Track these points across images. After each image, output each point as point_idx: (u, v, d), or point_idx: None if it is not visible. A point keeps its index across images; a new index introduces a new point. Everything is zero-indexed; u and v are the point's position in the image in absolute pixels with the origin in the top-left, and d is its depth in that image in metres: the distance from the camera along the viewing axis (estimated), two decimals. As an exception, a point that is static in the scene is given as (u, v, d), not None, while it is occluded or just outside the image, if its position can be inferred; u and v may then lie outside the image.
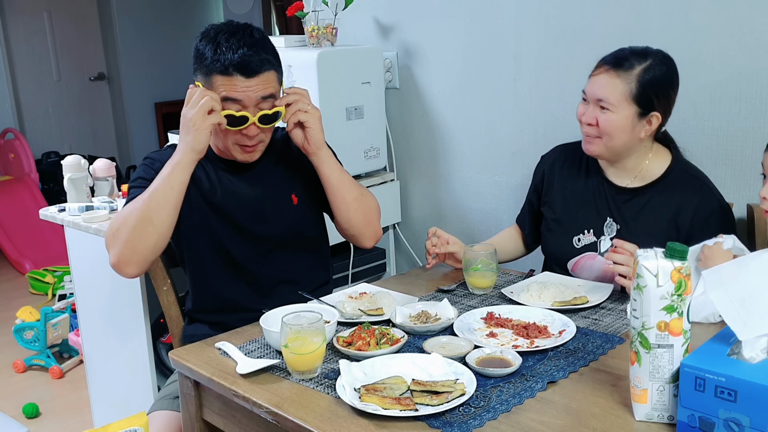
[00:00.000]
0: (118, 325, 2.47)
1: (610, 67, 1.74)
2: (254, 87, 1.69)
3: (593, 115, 1.76)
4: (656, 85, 1.74)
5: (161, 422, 1.76)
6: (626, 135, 1.76)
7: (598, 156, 1.84)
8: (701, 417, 1.07)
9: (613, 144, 1.78)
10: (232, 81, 1.68)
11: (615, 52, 1.78)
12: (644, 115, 1.75)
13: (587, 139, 1.81)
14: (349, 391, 1.25)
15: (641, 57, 1.74)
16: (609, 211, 1.87)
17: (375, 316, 1.63)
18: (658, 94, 1.75)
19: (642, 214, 1.83)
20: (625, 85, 1.72)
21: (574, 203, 1.93)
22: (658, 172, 1.83)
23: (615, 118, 1.74)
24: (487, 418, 1.20)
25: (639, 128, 1.77)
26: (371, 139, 2.80)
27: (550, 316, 1.58)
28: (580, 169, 1.94)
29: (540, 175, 2.04)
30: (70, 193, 2.60)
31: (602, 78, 1.75)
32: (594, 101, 1.76)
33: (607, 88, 1.73)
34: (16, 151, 5.49)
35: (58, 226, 2.58)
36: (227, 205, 1.82)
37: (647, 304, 1.13)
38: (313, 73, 2.55)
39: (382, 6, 2.90)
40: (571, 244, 1.90)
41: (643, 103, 1.73)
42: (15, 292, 4.64)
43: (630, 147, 1.80)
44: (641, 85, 1.72)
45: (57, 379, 3.40)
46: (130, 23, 6.37)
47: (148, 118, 6.62)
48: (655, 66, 1.74)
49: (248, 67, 1.67)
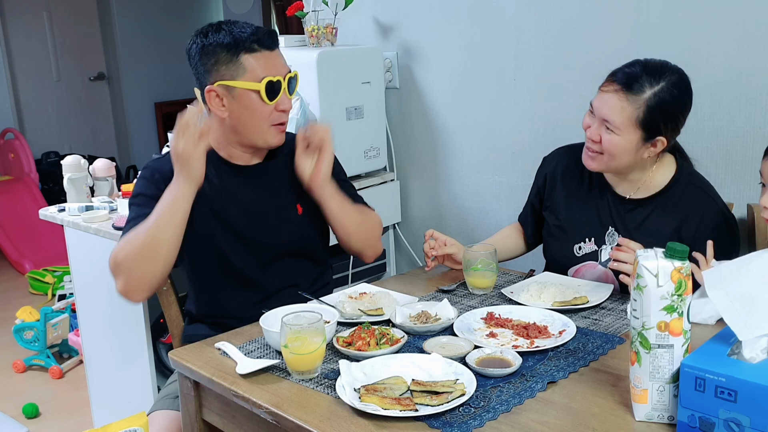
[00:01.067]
0: (118, 325, 2.47)
1: (620, 88, 1.67)
2: (279, 59, 1.75)
3: (597, 132, 1.71)
4: (665, 111, 1.67)
5: (161, 422, 1.76)
6: (629, 157, 1.72)
7: (598, 171, 1.81)
8: (701, 417, 1.07)
9: (615, 164, 1.74)
10: (262, 57, 1.71)
11: (628, 68, 1.70)
12: (649, 139, 1.70)
13: (589, 153, 1.76)
14: (349, 391, 1.25)
15: (654, 79, 1.66)
16: (611, 221, 1.84)
17: (375, 316, 1.63)
18: (667, 120, 1.68)
19: (644, 225, 1.79)
20: (632, 110, 1.66)
21: (577, 211, 1.90)
22: (662, 183, 1.79)
23: (619, 141, 1.68)
24: (487, 418, 1.20)
25: (643, 151, 1.72)
26: (371, 139, 2.80)
27: (550, 316, 1.58)
28: (583, 176, 1.90)
29: (542, 179, 2.01)
30: (69, 193, 2.60)
31: (611, 98, 1.68)
32: (600, 119, 1.71)
33: (614, 111, 1.67)
34: (16, 151, 5.48)
35: (58, 226, 2.58)
36: (231, 212, 1.80)
37: (647, 304, 1.13)
38: (313, 73, 2.55)
39: (382, 6, 2.90)
40: (572, 252, 1.89)
41: (649, 128, 1.68)
42: (15, 292, 4.64)
43: (632, 166, 1.76)
44: (649, 111, 1.66)
45: (57, 379, 3.40)
46: (130, 23, 6.37)
47: (148, 118, 6.62)
48: (666, 90, 1.66)
49: (268, 40, 1.73)
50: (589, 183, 1.90)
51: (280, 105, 1.74)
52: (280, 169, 1.87)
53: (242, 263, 1.81)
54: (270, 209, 1.84)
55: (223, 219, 1.80)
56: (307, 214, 1.88)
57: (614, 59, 2.02)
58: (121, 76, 6.45)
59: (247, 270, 1.82)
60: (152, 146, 6.52)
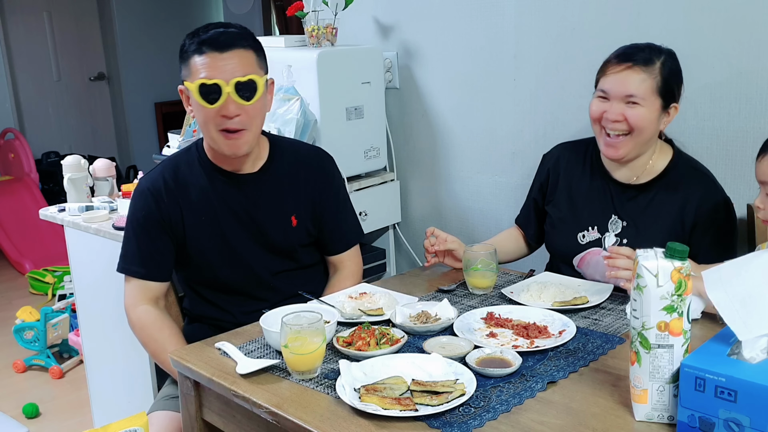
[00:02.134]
0: (118, 325, 2.46)
1: (633, 63, 1.75)
2: (229, 62, 1.65)
3: (619, 111, 1.75)
4: (675, 75, 1.78)
5: (161, 422, 1.76)
6: (653, 128, 1.78)
7: (624, 158, 1.81)
8: (701, 417, 1.07)
9: (641, 139, 1.78)
10: (206, 59, 1.66)
11: (628, 49, 1.79)
12: (666, 107, 1.78)
13: (612, 141, 1.78)
14: (349, 391, 1.25)
15: (657, 52, 1.77)
16: (614, 209, 1.87)
17: (375, 316, 1.63)
18: (678, 84, 1.79)
19: (648, 211, 1.84)
20: (651, 80, 1.74)
21: (579, 201, 1.93)
22: (660, 168, 1.85)
23: (645, 112, 1.75)
24: (487, 418, 1.20)
25: (661, 121, 1.79)
26: (371, 139, 2.80)
27: (550, 316, 1.58)
28: (585, 167, 1.95)
29: (545, 174, 2.04)
30: (70, 193, 2.60)
31: (628, 74, 1.75)
32: (621, 97, 1.75)
33: (636, 83, 1.74)
34: (16, 151, 5.48)
35: (58, 226, 2.57)
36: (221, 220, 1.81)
37: (647, 304, 1.13)
38: (313, 73, 2.55)
39: (382, 6, 2.90)
40: (576, 241, 1.91)
41: (667, 95, 1.77)
42: (15, 292, 4.64)
43: (651, 142, 1.82)
44: (664, 78, 1.75)
45: (57, 379, 3.40)
46: (130, 23, 6.37)
47: (148, 118, 6.62)
48: (668, 59, 1.78)
49: (219, 40, 1.66)
50: (590, 173, 1.93)
51: (222, 110, 1.67)
52: (279, 179, 1.85)
53: (231, 273, 1.83)
54: (264, 221, 1.83)
55: (213, 226, 1.81)
56: (302, 226, 1.88)
57: (614, 59, 2.02)
58: (121, 76, 6.45)
59: (236, 279, 1.84)
60: (152, 146, 6.52)
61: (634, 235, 1.83)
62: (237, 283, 1.85)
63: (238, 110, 1.68)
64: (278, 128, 2.41)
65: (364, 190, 2.78)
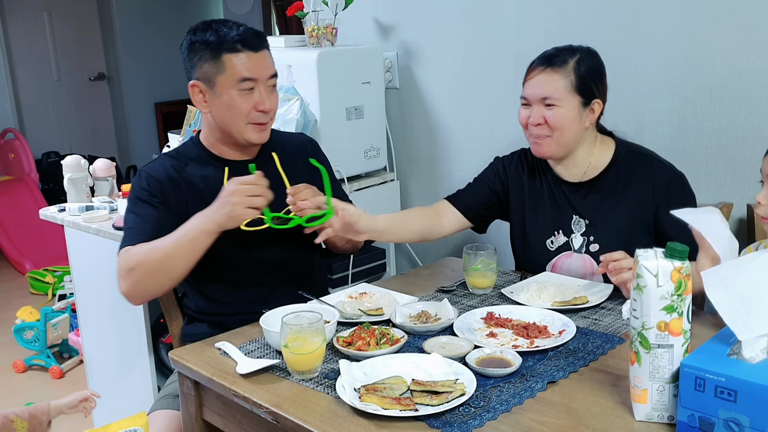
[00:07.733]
0: (118, 325, 2.47)
1: (546, 67, 1.80)
2: (263, 63, 1.76)
3: (540, 114, 1.80)
4: (592, 74, 1.81)
5: (161, 422, 1.76)
6: (575, 126, 1.80)
7: (551, 156, 1.86)
8: (701, 417, 1.07)
9: (564, 139, 1.81)
10: (244, 57, 1.73)
11: (544, 53, 1.84)
12: (587, 104, 1.80)
13: (537, 141, 1.83)
14: (349, 391, 1.25)
15: (570, 52, 1.81)
16: (572, 209, 1.89)
17: (375, 316, 1.63)
18: (596, 82, 1.82)
19: (605, 204, 1.85)
20: (564, 79, 1.78)
21: (539, 209, 1.94)
22: (606, 161, 1.87)
23: (562, 112, 1.78)
24: (487, 418, 1.20)
25: (584, 117, 1.82)
26: (371, 139, 2.80)
27: (550, 316, 1.58)
28: (534, 175, 1.96)
29: (497, 180, 2.00)
30: (70, 193, 2.60)
31: (542, 78, 1.80)
32: (538, 101, 1.80)
33: (550, 85, 1.78)
34: (16, 151, 5.48)
35: (58, 226, 2.58)
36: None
37: (647, 304, 1.13)
38: (313, 73, 2.55)
39: (382, 6, 2.90)
40: (545, 248, 1.91)
41: (585, 92, 1.79)
42: (15, 292, 4.64)
43: (579, 138, 1.83)
44: (579, 77, 1.78)
45: (57, 379, 3.40)
46: (130, 23, 6.37)
47: (148, 118, 6.62)
48: (584, 58, 1.81)
49: (253, 41, 1.74)
50: (540, 181, 1.94)
51: (258, 105, 1.76)
52: (274, 168, 1.87)
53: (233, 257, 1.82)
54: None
55: None
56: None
57: (614, 59, 2.02)
58: (121, 76, 6.45)
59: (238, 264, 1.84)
60: (152, 146, 6.52)
61: (599, 231, 1.84)
62: (238, 269, 1.84)
63: (271, 104, 1.79)
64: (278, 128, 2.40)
65: (364, 190, 2.78)
